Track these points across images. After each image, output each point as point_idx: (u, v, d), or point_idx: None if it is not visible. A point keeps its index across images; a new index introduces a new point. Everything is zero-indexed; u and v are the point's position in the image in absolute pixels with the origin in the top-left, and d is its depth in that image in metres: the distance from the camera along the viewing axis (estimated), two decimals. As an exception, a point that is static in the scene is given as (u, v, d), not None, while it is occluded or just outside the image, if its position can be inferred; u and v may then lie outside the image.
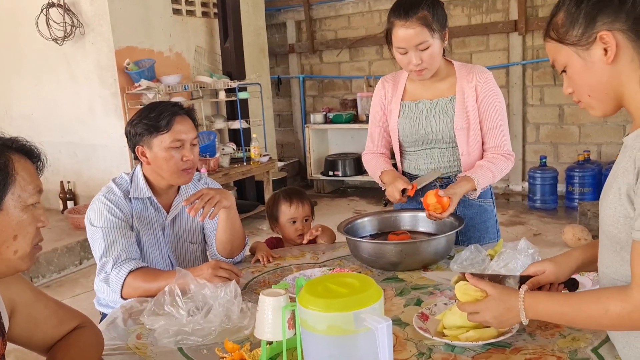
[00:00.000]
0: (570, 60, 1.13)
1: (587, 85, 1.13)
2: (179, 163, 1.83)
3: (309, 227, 2.30)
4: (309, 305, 1.01)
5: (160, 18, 5.24)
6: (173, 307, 1.48)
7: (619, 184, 1.08)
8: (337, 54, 6.85)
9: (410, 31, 1.83)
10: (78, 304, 3.58)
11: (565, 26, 1.12)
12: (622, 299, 1.05)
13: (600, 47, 1.08)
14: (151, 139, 1.82)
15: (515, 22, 5.67)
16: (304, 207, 2.28)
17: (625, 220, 1.07)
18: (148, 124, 1.82)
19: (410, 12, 1.82)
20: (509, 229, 4.90)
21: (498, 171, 1.97)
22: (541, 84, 5.77)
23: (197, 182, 2.03)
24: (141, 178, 1.90)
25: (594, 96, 1.13)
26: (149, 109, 1.86)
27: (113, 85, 4.86)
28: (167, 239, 1.96)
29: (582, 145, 5.66)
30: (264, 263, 1.99)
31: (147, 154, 1.85)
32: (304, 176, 7.06)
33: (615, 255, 1.13)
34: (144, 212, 1.90)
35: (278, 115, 7.38)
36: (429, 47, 1.85)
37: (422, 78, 1.96)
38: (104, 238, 1.78)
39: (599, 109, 1.15)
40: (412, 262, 1.78)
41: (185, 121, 1.86)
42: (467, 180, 1.91)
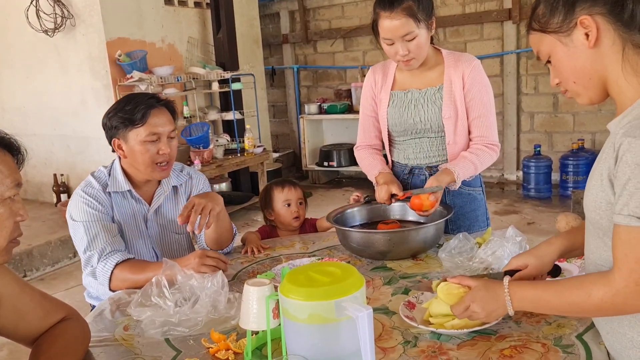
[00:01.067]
0: (554, 48, 1.14)
1: (571, 71, 1.13)
2: (154, 156, 1.81)
3: (304, 212, 2.34)
4: (290, 295, 1.01)
5: (152, 9, 5.20)
6: (160, 298, 1.48)
7: (600, 169, 1.08)
8: (331, 44, 6.82)
9: (395, 22, 1.81)
10: (72, 297, 3.60)
11: (545, 15, 1.13)
12: (604, 283, 1.05)
13: (582, 32, 1.09)
14: (127, 132, 1.80)
15: (510, 10, 5.65)
16: (296, 190, 2.33)
17: (607, 205, 1.07)
18: (123, 117, 1.79)
19: (395, 3, 1.80)
20: (503, 217, 4.91)
21: (480, 163, 1.97)
22: (535, 73, 5.75)
23: (180, 173, 2.00)
24: (119, 171, 1.88)
25: (578, 82, 1.14)
26: (125, 102, 1.83)
27: (105, 77, 4.83)
28: (151, 230, 1.94)
29: (577, 133, 5.66)
30: (254, 254, 1.99)
31: (123, 147, 1.83)
32: (298, 167, 7.05)
33: (599, 241, 1.14)
34: (124, 205, 1.89)
35: (272, 106, 7.36)
36: (415, 37, 1.84)
37: (410, 68, 1.95)
38: (86, 232, 1.77)
39: (585, 95, 1.15)
40: (401, 251, 1.78)
41: (162, 114, 1.83)
42: (447, 172, 1.91)
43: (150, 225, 1.94)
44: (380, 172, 2.05)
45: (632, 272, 1.01)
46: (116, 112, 1.82)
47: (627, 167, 0.99)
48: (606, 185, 1.06)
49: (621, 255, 1.03)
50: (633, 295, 1.02)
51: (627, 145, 1.00)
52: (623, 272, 1.02)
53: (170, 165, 1.88)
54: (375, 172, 2.06)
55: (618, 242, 1.03)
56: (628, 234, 1.01)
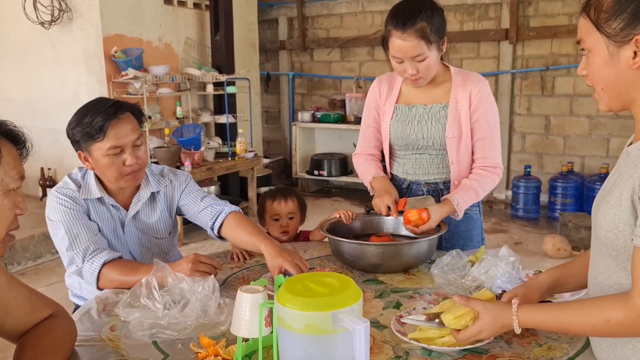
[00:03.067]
0: (598, 48, 1.10)
1: (604, 80, 1.11)
2: (121, 169, 1.74)
3: (295, 225, 2.27)
4: (286, 304, 1.00)
5: (151, 7, 5.18)
6: (149, 300, 1.45)
7: (620, 190, 1.08)
8: (328, 53, 6.83)
9: (407, 44, 1.80)
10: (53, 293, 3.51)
11: (607, 13, 1.07)
12: (624, 308, 1.04)
13: (632, 50, 1.06)
14: (89, 146, 1.72)
15: (507, 30, 5.71)
16: (287, 204, 2.25)
17: (624, 225, 1.06)
18: (83, 131, 1.71)
19: (408, 23, 1.78)
20: (491, 236, 4.92)
21: (482, 189, 1.95)
22: (529, 94, 5.81)
23: (160, 178, 1.94)
24: (92, 178, 1.82)
25: (606, 91, 1.12)
26: (83, 112, 1.72)
27: (100, 72, 4.80)
28: (128, 235, 1.89)
29: (567, 156, 5.72)
30: (239, 260, 1.97)
31: (89, 160, 1.76)
32: (289, 174, 7.03)
33: (611, 262, 1.13)
34: (100, 210, 1.83)
35: (266, 111, 7.35)
36: (425, 58, 1.83)
37: (418, 86, 1.94)
38: (67, 231, 1.73)
39: (607, 104, 1.15)
40: (393, 265, 1.77)
41: (123, 123, 1.72)
42: (447, 203, 1.89)
43: (127, 230, 1.88)
44: (374, 177, 2.05)
45: None
46: (76, 124, 1.73)
47: None
48: (626, 206, 1.06)
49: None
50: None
51: None
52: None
53: (142, 171, 1.81)
54: (370, 176, 2.06)
55: (638, 264, 1.02)
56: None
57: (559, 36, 5.52)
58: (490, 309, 1.21)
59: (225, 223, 1.90)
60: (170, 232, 2.00)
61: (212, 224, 1.91)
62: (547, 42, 5.62)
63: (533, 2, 5.65)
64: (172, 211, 1.98)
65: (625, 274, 1.11)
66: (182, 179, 1.98)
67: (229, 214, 1.91)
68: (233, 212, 1.92)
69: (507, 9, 5.70)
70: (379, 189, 1.99)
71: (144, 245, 1.93)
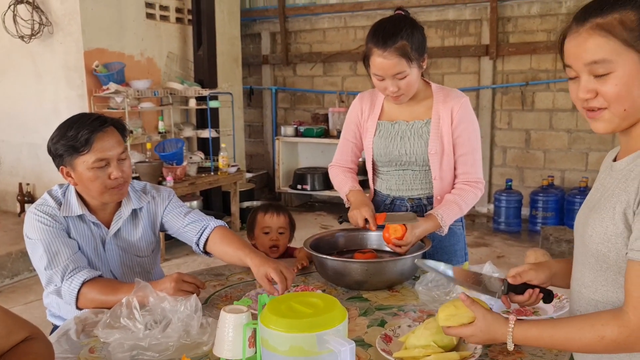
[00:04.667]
0: (628, 67, 1.03)
1: (631, 100, 1.05)
2: (106, 182, 1.72)
3: (284, 241, 2.26)
4: (270, 325, 0.98)
5: (133, 21, 5.16)
6: (130, 320, 1.42)
7: (612, 203, 1.09)
8: (311, 68, 6.86)
9: (387, 62, 1.81)
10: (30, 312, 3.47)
11: (636, 30, 1.03)
12: (618, 324, 1.04)
13: None
14: (73, 160, 1.70)
15: (487, 46, 5.79)
16: (278, 218, 2.24)
17: (617, 239, 1.07)
18: (67, 145, 1.69)
19: (388, 42, 1.80)
20: (473, 250, 4.94)
21: (465, 203, 1.97)
22: (509, 109, 5.88)
23: (142, 195, 1.91)
24: (74, 195, 1.79)
25: (629, 111, 1.06)
26: (67, 126, 1.71)
27: (80, 86, 4.75)
28: (109, 254, 1.85)
29: (547, 170, 5.79)
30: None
31: (72, 175, 1.73)
32: (271, 188, 7.01)
33: (600, 275, 1.13)
34: (81, 228, 1.80)
35: (248, 125, 7.34)
36: (406, 76, 1.85)
37: (399, 103, 1.96)
38: (46, 250, 1.69)
39: (615, 126, 1.09)
40: (377, 282, 1.76)
41: (109, 136, 1.72)
42: (432, 218, 1.91)
43: (108, 248, 1.85)
44: (351, 190, 2.05)
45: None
46: (59, 138, 1.71)
47: None
48: (619, 220, 1.06)
49: (638, 294, 1.02)
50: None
51: None
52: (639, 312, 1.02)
53: (126, 185, 1.80)
54: (346, 189, 2.06)
55: (637, 280, 1.02)
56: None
57: (538, 52, 5.61)
58: (488, 318, 1.21)
59: (211, 238, 1.87)
60: (153, 249, 1.96)
61: (197, 239, 1.89)
62: (527, 57, 5.71)
63: (512, 19, 5.74)
64: (156, 228, 1.95)
65: (613, 287, 1.11)
66: (165, 195, 1.96)
67: (214, 228, 1.89)
68: (218, 227, 1.90)
69: (487, 26, 5.79)
70: (355, 201, 1.99)
71: (126, 264, 1.90)
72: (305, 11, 6.71)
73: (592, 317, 1.10)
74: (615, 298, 1.12)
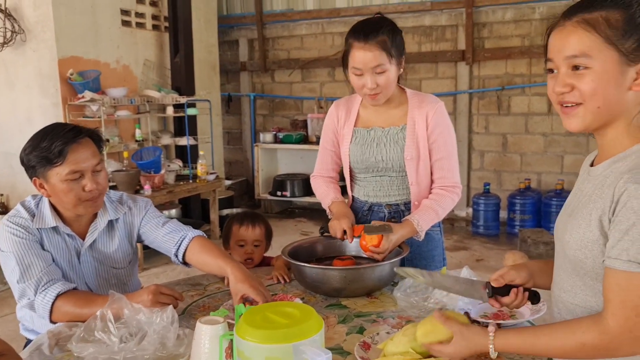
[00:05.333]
0: (607, 66, 1.05)
1: (606, 99, 1.06)
2: (80, 194, 1.68)
3: (260, 253, 2.22)
4: (246, 336, 0.97)
5: (108, 29, 5.11)
6: (104, 333, 1.40)
7: (589, 209, 1.09)
8: (289, 74, 6.86)
9: (368, 54, 1.83)
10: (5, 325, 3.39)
11: (620, 30, 1.04)
12: (598, 330, 1.05)
13: (636, 70, 1.05)
14: (46, 172, 1.66)
15: (463, 52, 5.85)
16: (254, 231, 2.20)
17: (593, 245, 1.08)
18: (40, 156, 1.65)
19: (370, 35, 1.82)
20: (453, 254, 4.97)
21: (442, 209, 1.97)
22: (486, 113, 5.94)
23: (118, 205, 1.88)
24: (47, 206, 1.75)
25: (602, 110, 1.07)
26: (40, 137, 1.67)
27: (54, 95, 4.68)
28: (84, 266, 1.82)
29: (524, 173, 5.85)
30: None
31: (45, 187, 1.69)
32: (251, 195, 6.98)
33: (577, 280, 1.14)
34: (55, 239, 1.76)
35: (227, 132, 7.30)
36: (385, 71, 1.86)
37: (376, 103, 1.95)
38: (18, 262, 1.65)
39: (589, 123, 1.10)
40: (356, 289, 1.76)
41: (83, 148, 1.68)
42: (408, 224, 1.91)
43: (83, 260, 1.82)
44: (333, 202, 2.05)
45: (628, 319, 1.02)
46: (32, 149, 1.67)
47: (633, 213, 1.00)
48: (595, 226, 1.07)
49: (617, 301, 1.03)
50: (627, 342, 1.03)
51: (633, 192, 1.00)
52: (619, 318, 1.03)
53: (101, 197, 1.77)
54: (328, 200, 2.06)
55: (615, 287, 1.03)
56: (627, 280, 1.01)
57: (513, 57, 5.69)
58: (465, 333, 1.21)
59: (190, 248, 1.84)
60: (130, 261, 1.93)
61: (176, 250, 1.86)
62: (502, 62, 5.78)
63: (487, 25, 5.81)
64: (133, 239, 1.93)
65: (591, 292, 1.13)
66: (142, 205, 1.93)
67: (192, 238, 1.86)
68: (197, 237, 1.87)
69: (462, 31, 5.85)
70: (337, 212, 1.99)
71: (101, 276, 1.86)
72: (282, 18, 6.72)
73: (573, 324, 1.11)
74: (594, 303, 1.13)
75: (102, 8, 5.03)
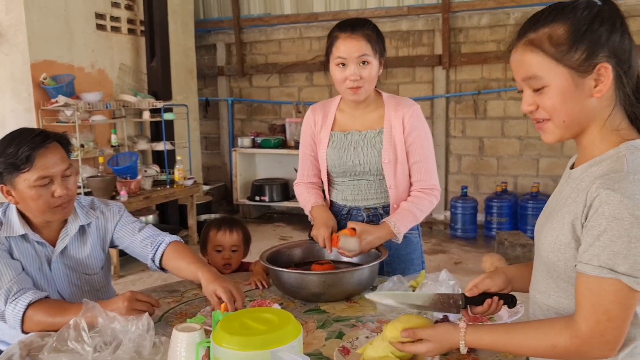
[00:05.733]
0: (559, 82, 1.06)
1: (568, 112, 1.08)
2: (49, 201, 1.65)
3: (237, 258, 2.20)
4: (223, 343, 0.96)
5: (83, 32, 5.03)
6: (78, 343, 1.36)
7: (563, 213, 1.10)
8: (267, 79, 6.84)
9: (354, 42, 1.85)
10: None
11: (566, 45, 1.05)
12: (570, 333, 1.06)
13: (593, 78, 1.05)
14: (13, 178, 1.63)
15: (440, 56, 5.90)
16: (231, 236, 2.17)
17: (565, 248, 1.09)
18: (6, 162, 1.61)
19: (357, 27, 1.87)
20: (431, 257, 5.00)
21: (420, 211, 1.98)
22: (463, 117, 6.00)
23: (89, 210, 1.85)
24: (15, 213, 1.71)
25: (567, 123, 1.10)
26: (6, 143, 1.63)
27: (27, 100, 4.59)
28: (55, 273, 1.78)
29: (500, 176, 5.92)
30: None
31: (13, 194, 1.66)
32: (229, 201, 6.93)
33: (551, 282, 1.15)
34: (24, 247, 1.72)
35: (205, 137, 7.25)
36: (369, 63, 1.88)
37: (357, 98, 1.93)
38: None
39: (560, 135, 1.12)
40: (335, 293, 1.75)
41: (51, 153, 1.65)
42: (385, 227, 1.91)
43: (55, 268, 1.78)
44: (313, 207, 2.04)
45: (599, 323, 1.03)
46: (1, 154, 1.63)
47: (604, 219, 1.01)
48: (567, 230, 1.08)
49: (588, 306, 1.04)
50: (598, 345, 1.04)
51: (604, 198, 1.01)
52: (590, 322, 1.04)
53: (71, 203, 1.73)
54: (309, 206, 2.06)
55: (587, 292, 1.04)
56: (598, 286, 1.02)
57: (489, 62, 5.76)
58: (438, 330, 1.22)
59: (166, 253, 1.83)
60: (102, 267, 1.90)
61: (152, 255, 1.84)
62: (478, 67, 5.85)
63: (463, 30, 5.87)
64: (105, 244, 1.89)
65: (564, 294, 1.13)
66: (115, 210, 1.90)
67: (169, 243, 1.84)
68: (173, 242, 1.86)
69: (439, 36, 5.90)
70: (317, 219, 1.98)
71: (74, 283, 1.82)
72: (260, 22, 6.70)
73: (546, 324, 1.12)
74: (567, 305, 1.14)
75: (76, 12, 4.95)
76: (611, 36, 1.04)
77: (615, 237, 1.00)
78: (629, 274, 1.00)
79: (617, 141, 1.10)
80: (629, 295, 1.01)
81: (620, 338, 1.04)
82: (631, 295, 1.01)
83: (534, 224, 1.29)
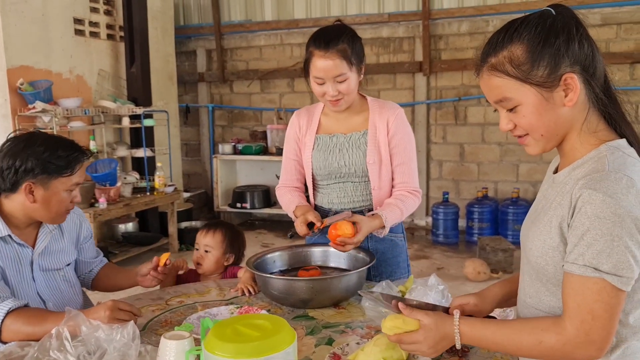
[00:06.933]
0: (529, 100, 1.09)
1: (544, 126, 1.11)
2: (68, 205, 1.77)
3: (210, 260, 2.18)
4: (215, 351, 0.93)
5: (61, 38, 4.95)
6: (60, 353, 1.32)
7: (549, 216, 1.11)
8: (248, 85, 6.81)
9: (329, 62, 1.84)
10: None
11: (527, 64, 1.07)
12: (556, 332, 1.06)
13: (562, 89, 1.07)
14: (50, 179, 1.68)
15: (420, 63, 5.94)
16: (206, 236, 2.19)
17: (554, 252, 1.09)
18: (54, 163, 1.68)
19: (330, 44, 1.83)
20: (414, 262, 5.00)
21: (406, 208, 1.98)
22: (444, 123, 6.04)
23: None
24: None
25: (546, 136, 1.12)
26: (52, 145, 1.70)
27: (3, 106, 4.50)
28: (37, 273, 1.77)
29: (481, 182, 5.96)
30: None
31: (37, 193, 1.68)
32: (210, 208, 6.86)
33: (541, 286, 1.15)
34: (4, 250, 1.70)
35: (185, 144, 7.18)
36: (346, 79, 1.87)
37: (338, 109, 1.96)
38: None
39: (542, 147, 1.15)
40: (323, 299, 1.73)
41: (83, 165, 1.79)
42: (375, 217, 1.91)
43: (36, 268, 1.77)
44: (297, 206, 2.03)
45: (584, 322, 1.03)
46: (37, 154, 1.66)
47: (587, 218, 1.02)
48: (555, 233, 1.08)
49: (574, 305, 1.04)
50: (583, 345, 1.04)
51: (587, 197, 1.02)
52: (575, 322, 1.04)
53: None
54: (293, 206, 2.04)
55: (571, 291, 1.05)
56: (582, 285, 1.03)
57: (469, 68, 5.81)
58: (432, 315, 1.21)
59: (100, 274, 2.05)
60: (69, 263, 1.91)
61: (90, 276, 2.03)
62: (458, 74, 5.90)
63: (443, 37, 5.92)
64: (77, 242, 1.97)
65: (555, 298, 1.14)
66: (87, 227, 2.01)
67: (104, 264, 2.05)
68: (108, 264, 2.08)
69: (419, 43, 5.95)
70: (300, 214, 1.96)
71: (52, 286, 1.82)
72: (241, 28, 6.68)
73: (534, 321, 1.13)
74: (557, 309, 1.14)
75: (54, 17, 4.88)
76: (570, 45, 1.06)
77: (598, 236, 1.01)
78: (612, 273, 1.00)
79: (596, 143, 1.12)
80: (613, 294, 1.02)
81: (606, 338, 1.04)
82: (615, 294, 1.02)
83: (514, 229, 1.31)
